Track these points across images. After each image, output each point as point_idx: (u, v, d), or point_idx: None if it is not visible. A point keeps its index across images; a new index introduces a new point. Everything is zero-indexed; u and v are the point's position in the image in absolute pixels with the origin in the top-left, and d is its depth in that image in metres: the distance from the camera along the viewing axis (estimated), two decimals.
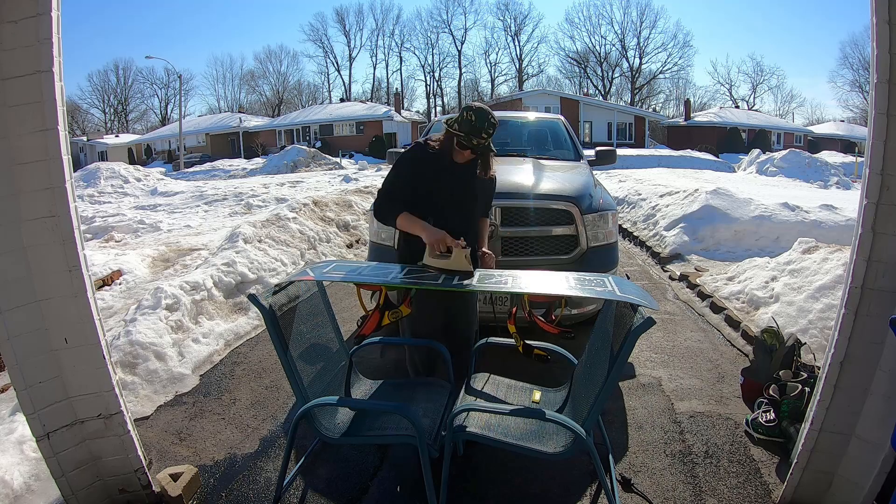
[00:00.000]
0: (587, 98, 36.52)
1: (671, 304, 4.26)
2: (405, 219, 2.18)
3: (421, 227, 2.14)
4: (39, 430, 1.75)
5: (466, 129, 2.11)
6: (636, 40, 45.96)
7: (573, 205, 3.03)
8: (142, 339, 3.06)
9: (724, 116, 35.34)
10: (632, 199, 8.35)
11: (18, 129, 1.63)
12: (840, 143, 33.60)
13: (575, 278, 1.95)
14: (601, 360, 1.73)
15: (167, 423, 2.57)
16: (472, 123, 2.11)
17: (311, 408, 1.74)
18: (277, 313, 1.76)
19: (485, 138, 2.13)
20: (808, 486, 1.84)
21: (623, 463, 2.17)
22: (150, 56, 33.22)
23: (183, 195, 11.35)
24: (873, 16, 1.56)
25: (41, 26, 1.58)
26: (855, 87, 41.21)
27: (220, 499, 2.02)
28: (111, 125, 48.54)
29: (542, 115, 6.26)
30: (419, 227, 2.15)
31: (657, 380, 2.90)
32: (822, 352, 2.83)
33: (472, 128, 2.11)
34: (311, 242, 5.77)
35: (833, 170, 15.30)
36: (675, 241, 5.87)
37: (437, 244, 2.06)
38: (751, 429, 2.35)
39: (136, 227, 7.88)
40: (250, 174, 19.44)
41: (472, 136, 2.11)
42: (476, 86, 46.71)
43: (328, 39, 57.17)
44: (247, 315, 3.84)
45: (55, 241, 1.70)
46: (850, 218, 5.71)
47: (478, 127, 2.11)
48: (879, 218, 1.62)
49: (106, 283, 4.64)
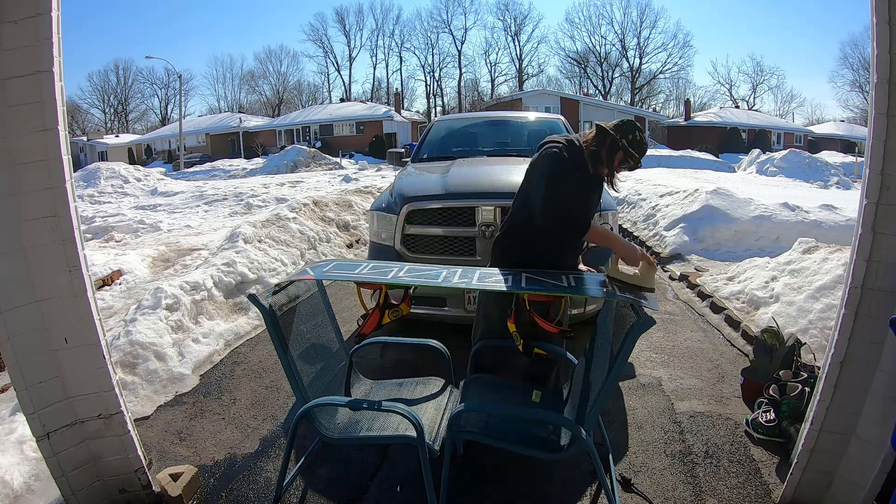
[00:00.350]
0: (587, 98, 36.54)
1: (671, 304, 4.26)
2: (599, 231, 2.08)
3: (620, 240, 2.06)
4: (39, 430, 1.75)
5: (640, 150, 2.03)
6: (636, 40, 45.98)
7: None
8: (142, 339, 3.06)
9: (724, 116, 35.34)
10: (632, 199, 8.35)
11: (19, 129, 1.63)
12: (840, 143, 33.58)
13: (575, 278, 1.95)
14: (601, 360, 1.73)
15: (167, 423, 2.57)
16: (644, 146, 2.04)
17: (311, 408, 1.74)
18: (277, 313, 1.76)
19: None
20: (809, 486, 1.84)
21: (623, 463, 2.17)
22: (150, 56, 33.30)
23: (183, 195, 11.35)
24: (873, 16, 1.56)
25: (41, 26, 1.58)
26: (855, 87, 41.20)
27: (220, 499, 2.02)
28: (111, 125, 48.54)
29: (542, 115, 6.26)
30: (613, 239, 2.07)
31: (657, 380, 2.90)
32: (822, 352, 2.83)
33: (643, 150, 2.04)
34: (311, 242, 5.77)
35: (833, 170, 15.29)
36: (675, 241, 5.86)
37: (637, 258, 1.95)
38: (751, 429, 2.35)
39: (136, 227, 7.88)
40: (250, 174, 19.44)
41: (639, 157, 2.03)
42: (476, 86, 46.64)
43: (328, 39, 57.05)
44: (247, 315, 3.84)
45: (55, 241, 1.70)
46: (850, 218, 5.71)
47: (644, 148, 2.05)
48: (879, 218, 1.62)
49: (106, 283, 4.64)
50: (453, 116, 5.99)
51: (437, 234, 3.10)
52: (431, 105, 48.80)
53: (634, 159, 2.03)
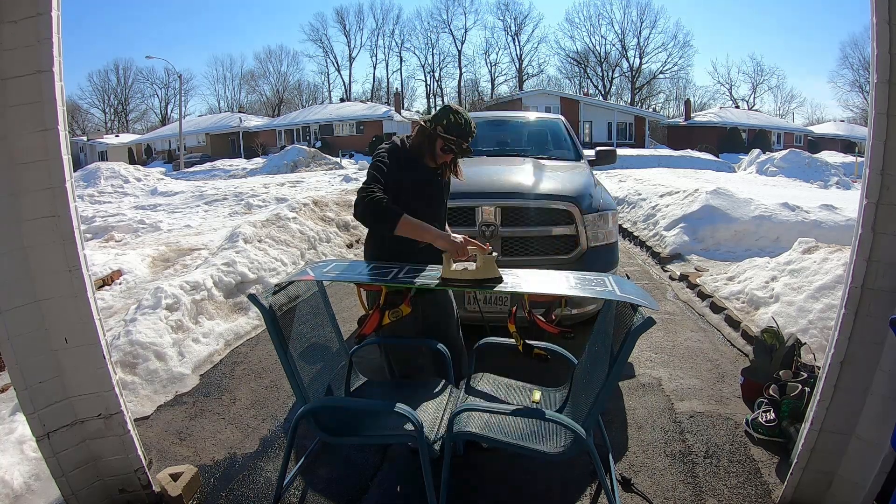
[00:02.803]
0: (587, 98, 36.52)
1: (671, 304, 4.26)
2: (409, 223, 1.90)
3: (435, 233, 1.93)
4: (39, 430, 1.75)
5: (457, 132, 1.99)
6: (636, 40, 46.02)
7: (573, 205, 3.03)
8: (142, 338, 3.06)
9: (724, 116, 35.33)
10: (632, 199, 8.35)
11: (19, 129, 1.63)
12: (840, 143, 33.59)
13: (575, 278, 1.95)
14: (601, 360, 1.73)
15: (167, 422, 2.57)
16: (462, 127, 2.00)
17: (311, 408, 1.74)
18: (277, 313, 1.76)
19: (470, 142, 2.04)
20: (808, 486, 1.84)
21: (623, 463, 2.17)
22: (150, 56, 33.39)
23: (183, 195, 11.35)
24: (873, 16, 1.56)
25: (41, 26, 1.58)
26: (855, 87, 41.24)
27: (220, 499, 2.02)
28: (111, 125, 48.57)
29: (542, 115, 6.26)
30: (432, 233, 1.92)
31: (657, 380, 2.90)
32: (822, 352, 2.83)
33: (462, 131, 2.00)
34: (311, 242, 5.77)
35: (833, 170, 15.29)
36: (675, 241, 5.87)
37: (461, 251, 1.86)
38: (751, 429, 2.35)
39: (136, 226, 7.88)
40: (250, 174, 19.43)
41: (461, 141, 2.01)
42: (476, 86, 46.69)
43: (328, 39, 57.10)
44: (247, 315, 3.84)
45: (55, 240, 1.70)
46: (850, 218, 5.71)
47: (467, 130, 2.01)
48: (879, 218, 1.62)
49: (106, 282, 4.64)
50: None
51: None
52: (431, 105, 48.81)
53: (451, 142, 2.00)
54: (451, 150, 2.04)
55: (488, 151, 4.35)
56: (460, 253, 1.88)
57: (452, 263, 1.86)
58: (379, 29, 50.11)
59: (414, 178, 2.07)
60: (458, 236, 1.94)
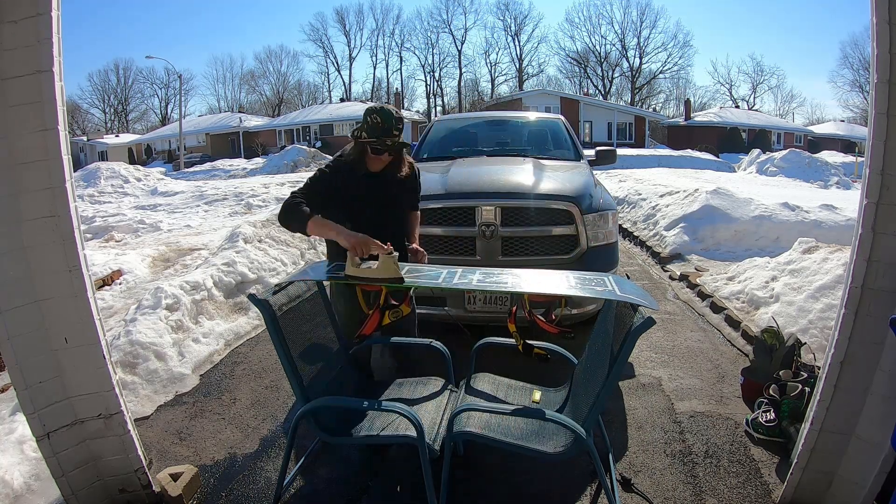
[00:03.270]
0: (587, 98, 36.51)
1: (671, 304, 4.26)
2: (317, 223, 1.99)
3: (336, 230, 1.97)
4: (39, 430, 1.75)
5: (376, 133, 2.03)
6: (636, 40, 45.95)
7: (573, 205, 3.03)
8: (142, 338, 3.06)
9: (724, 116, 35.31)
10: (632, 199, 8.35)
11: (19, 129, 1.63)
12: (840, 143, 33.57)
13: (575, 278, 1.94)
14: (601, 360, 1.73)
15: (167, 422, 2.57)
16: (379, 126, 2.03)
17: (311, 408, 1.74)
18: (277, 313, 1.76)
19: (396, 135, 2.05)
20: (808, 485, 1.84)
21: (623, 463, 2.17)
22: (151, 56, 33.37)
23: (183, 195, 11.35)
24: (873, 16, 1.56)
25: (41, 26, 1.58)
26: (855, 87, 41.18)
27: (220, 499, 2.02)
28: (111, 125, 48.52)
29: (542, 114, 6.26)
30: (334, 230, 1.97)
31: (657, 380, 2.90)
32: (822, 352, 2.83)
33: (381, 130, 2.03)
34: (311, 242, 5.77)
35: (833, 170, 15.28)
36: (675, 240, 5.87)
37: (359, 248, 1.89)
38: (751, 429, 2.35)
39: (136, 226, 7.88)
40: (250, 174, 19.42)
41: (384, 138, 2.03)
42: (476, 86, 46.61)
43: (328, 39, 56.92)
44: (247, 315, 3.84)
45: (55, 240, 1.70)
46: (850, 218, 5.71)
47: (386, 127, 2.03)
48: (879, 218, 1.62)
49: (106, 282, 4.64)
50: (453, 116, 5.98)
51: (437, 233, 3.10)
52: (431, 105, 48.81)
53: (371, 142, 2.04)
54: (379, 150, 2.08)
55: (488, 151, 4.35)
56: (358, 251, 1.90)
57: (357, 260, 1.89)
58: (379, 29, 50.07)
59: (358, 187, 2.14)
60: (362, 235, 1.95)
